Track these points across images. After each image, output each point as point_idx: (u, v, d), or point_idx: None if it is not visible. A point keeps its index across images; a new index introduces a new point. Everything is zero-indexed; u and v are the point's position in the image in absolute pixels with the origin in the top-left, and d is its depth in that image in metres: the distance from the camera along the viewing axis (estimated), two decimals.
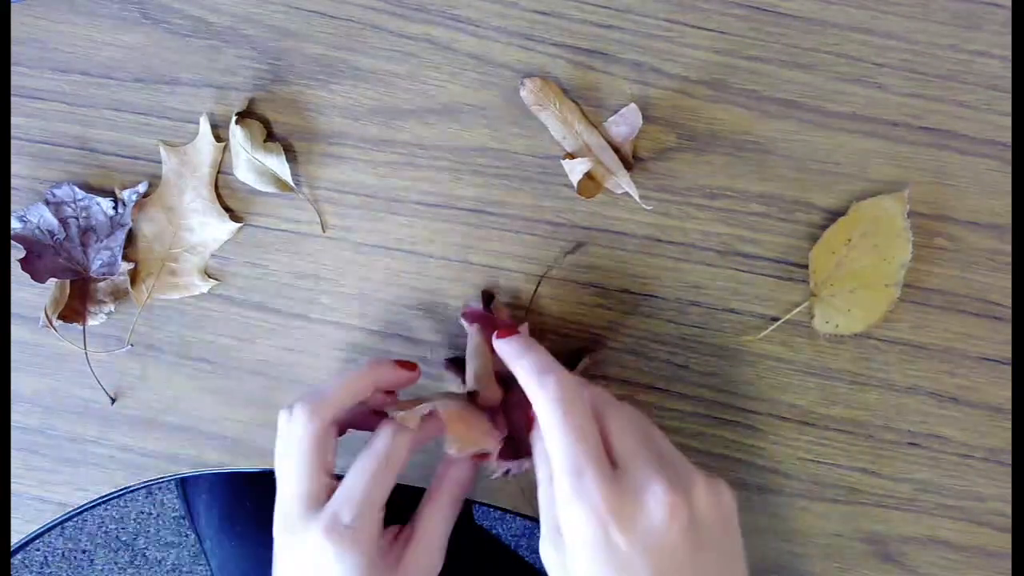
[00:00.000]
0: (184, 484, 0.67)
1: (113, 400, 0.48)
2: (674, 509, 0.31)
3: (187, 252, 0.46)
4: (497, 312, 0.45)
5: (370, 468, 0.36)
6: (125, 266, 0.46)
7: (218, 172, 0.46)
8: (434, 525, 0.38)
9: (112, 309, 0.47)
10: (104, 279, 0.47)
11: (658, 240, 0.45)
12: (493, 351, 0.43)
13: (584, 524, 0.32)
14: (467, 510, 0.67)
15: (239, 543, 0.60)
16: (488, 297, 0.45)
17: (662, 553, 0.31)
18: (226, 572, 0.59)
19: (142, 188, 0.46)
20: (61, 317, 0.46)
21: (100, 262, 0.46)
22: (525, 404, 0.42)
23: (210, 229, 0.46)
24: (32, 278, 0.45)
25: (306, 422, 0.36)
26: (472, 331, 0.44)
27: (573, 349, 0.46)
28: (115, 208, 0.46)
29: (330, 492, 0.36)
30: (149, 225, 0.46)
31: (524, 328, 0.44)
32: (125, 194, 0.46)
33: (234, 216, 0.46)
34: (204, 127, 0.45)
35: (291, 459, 0.36)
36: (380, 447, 0.36)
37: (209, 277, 0.47)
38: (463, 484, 0.39)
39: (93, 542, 1.20)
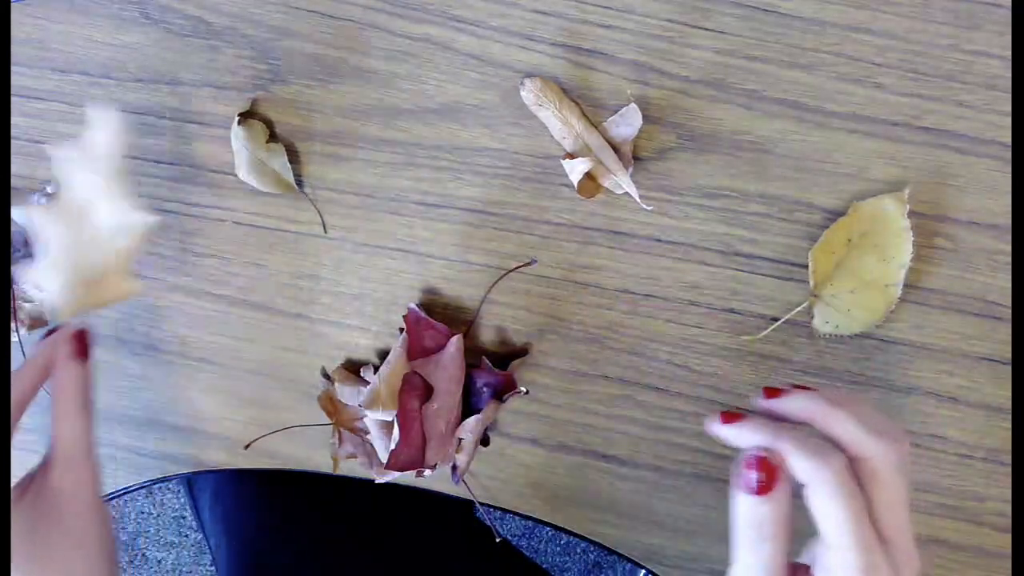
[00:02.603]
0: (190, 483, 0.67)
1: None
2: None
3: (107, 255, 0.40)
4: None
5: None
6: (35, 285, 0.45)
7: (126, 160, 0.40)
8: (69, 435, 0.38)
9: (27, 335, 0.47)
10: (29, 302, 0.46)
11: (658, 240, 0.45)
12: (410, 359, 0.44)
13: None
14: (467, 508, 0.67)
15: (243, 541, 0.60)
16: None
17: None
18: (230, 570, 0.60)
19: (50, 189, 0.46)
20: (31, 327, 0.46)
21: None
22: (444, 414, 0.44)
23: (127, 224, 0.40)
24: None
25: None
26: (400, 338, 0.44)
27: (509, 351, 0.46)
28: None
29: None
30: (62, 232, 0.39)
31: (458, 340, 0.45)
32: (34, 199, 0.46)
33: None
34: (101, 114, 0.38)
35: None
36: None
37: (131, 277, 0.40)
38: (81, 387, 0.39)
39: None
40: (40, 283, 0.40)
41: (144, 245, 0.41)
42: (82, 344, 0.40)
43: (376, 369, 0.45)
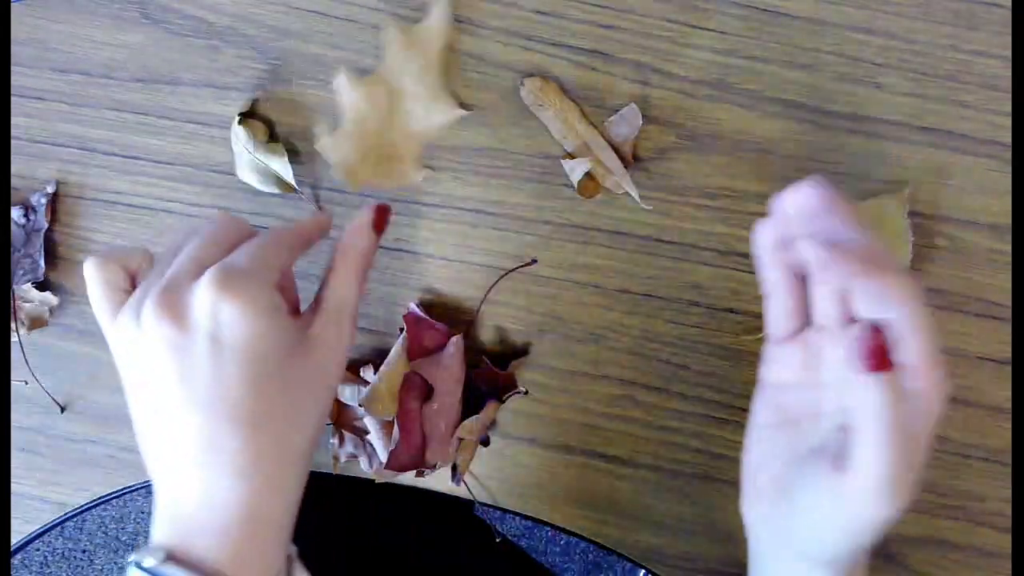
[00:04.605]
0: None
1: (63, 409, 0.48)
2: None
3: (405, 139, 0.43)
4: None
5: (260, 240, 0.34)
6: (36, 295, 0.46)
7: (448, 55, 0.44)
8: (342, 293, 0.36)
9: (27, 335, 0.47)
10: (29, 302, 0.47)
11: (658, 240, 0.45)
12: (410, 359, 0.45)
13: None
14: (467, 507, 0.67)
15: None
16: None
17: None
18: None
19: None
20: (31, 327, 0.47)
21: (22, 271, 0.46)
22: (444, 414, 0.44)
23: (434, 115, 0.43)
24: None
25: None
26: (400, 338, 0.45)
27: (509, 351, 0.46)
28: (25, 216, 0.46)
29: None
30: (366, 105, 0.43)
31: (458, 340, 0.45)
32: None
33: (463, 104, 0.44)
34: (441, 6, 0.43)
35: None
36: (275, 230, 0.35)
37: (420, 165, 0.44)
38: (366, 254, 0.38)
39: (93, 542, 1.20)
40: (332, 151, 0.42)
41: (437, 137, 0.44)
42: (383, 218, 0.39)
43: (376, 369, 0.45)
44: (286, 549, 0.36)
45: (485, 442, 0.47)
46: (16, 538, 0.49)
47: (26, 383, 0.48)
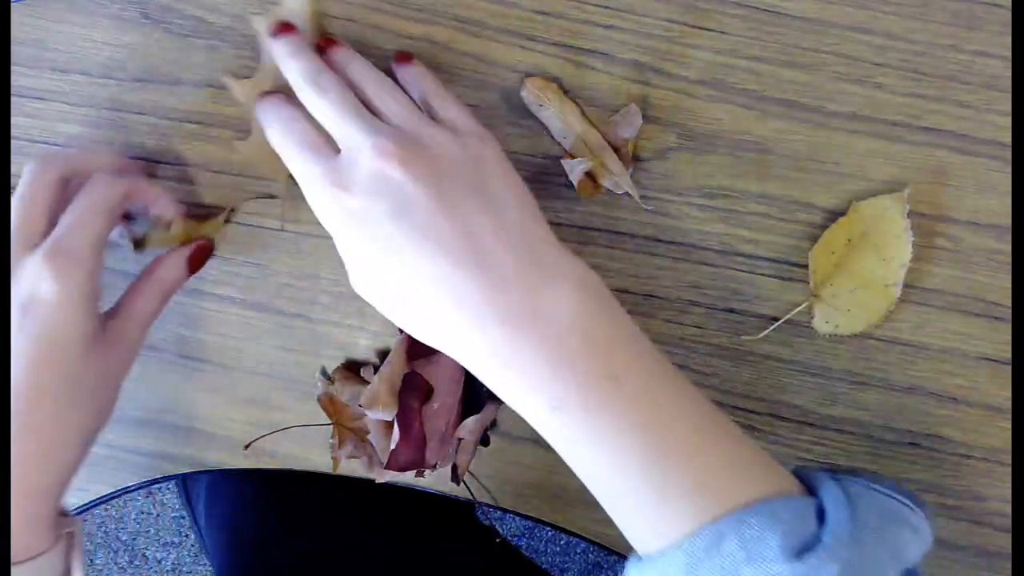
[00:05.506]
0: (185, 483, 0.67)
1: None
2: (383, 154, 0.34)
3: None
4: None
5: (85, 205, 0.39)
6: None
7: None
8: (138, 303, 0.41)
9: None
10: None
11: (658, 240, 0.45)
12: (410, 359, 0.45)
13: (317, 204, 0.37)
14: (468, 507, 0.67)
15: (243, 541, 0.60)
16: None
17: (388, 195, 0.34)
18: (228, 570, 0.60)
19: None
20: None
21: None
22: (444, 414, 0.44)
23: None
24: None
25: (39, 167, 0.39)
26: (396, 340, 0.45)
27: None
28: None
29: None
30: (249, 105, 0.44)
31: None
32: None
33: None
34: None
35: (19, 199, 0.39)
36: (96, 187, 0.39)
37: None
38: (174, 284, 0.43)
39: (93, 542, 1.20)
40: (247, 156, 0.45)
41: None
42: (201, 258, 0.44)
43: (376, 369, 0.45)
44: (56, 522, 0.39)
45: (485, 442, 0.47)
46: None
47: None
